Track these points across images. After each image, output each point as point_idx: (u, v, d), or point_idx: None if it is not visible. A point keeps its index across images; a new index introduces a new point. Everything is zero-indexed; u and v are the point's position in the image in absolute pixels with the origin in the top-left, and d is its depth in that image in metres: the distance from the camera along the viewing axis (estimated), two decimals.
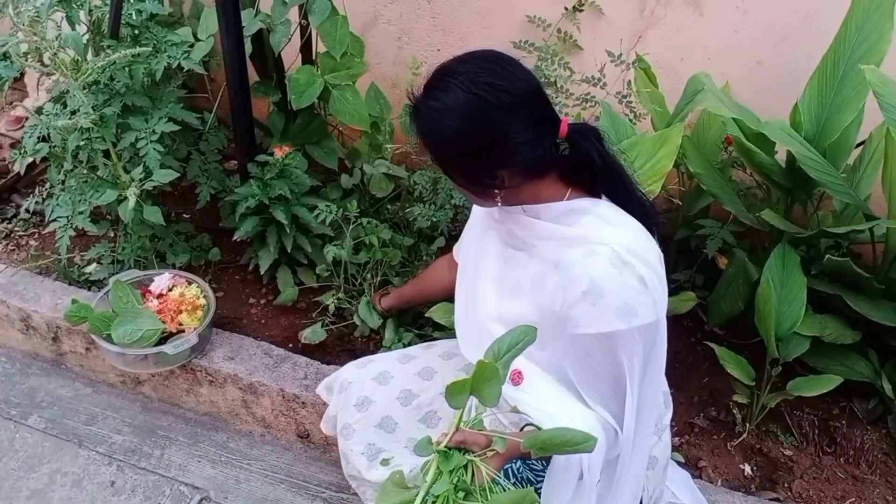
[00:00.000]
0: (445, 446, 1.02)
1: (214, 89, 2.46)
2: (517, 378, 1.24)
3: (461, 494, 0.97)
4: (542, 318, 1.20)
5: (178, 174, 1.99)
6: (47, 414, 2.09)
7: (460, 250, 1.53)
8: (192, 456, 1.99)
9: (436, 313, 1.88)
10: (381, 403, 1.48)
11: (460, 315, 1.44)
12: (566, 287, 1.14)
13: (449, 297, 1.65)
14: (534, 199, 1.20)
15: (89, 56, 1.94)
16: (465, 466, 1.00)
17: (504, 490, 1.00)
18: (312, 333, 2.06)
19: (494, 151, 1.13)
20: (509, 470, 1.27)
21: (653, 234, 1.23)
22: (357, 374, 1.54)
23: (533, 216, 1.22)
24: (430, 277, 1.83)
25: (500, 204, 1.21)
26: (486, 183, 1.17)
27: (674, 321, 1.46)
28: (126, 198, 1.91)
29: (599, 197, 1.23)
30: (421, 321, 2.02)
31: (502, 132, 1.11)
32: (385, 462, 1.41)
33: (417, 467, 1.39)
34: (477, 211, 1.44)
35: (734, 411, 1.95)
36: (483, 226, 1.39)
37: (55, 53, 1.80)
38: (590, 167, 1.19)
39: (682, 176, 2.11)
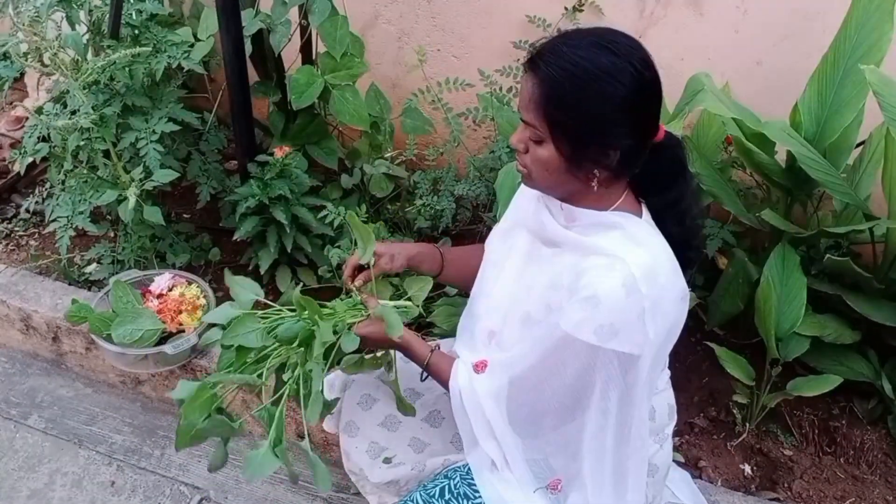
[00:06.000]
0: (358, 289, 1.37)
1: (214, 89, 2.46)
2: (481, 367, 1.26)
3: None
4: (546, 320, 1.20)
5: (178, 174, 1.99)
6: (47, 414, 2.09)
7: (487, 245, 1.49)
8: (192, 456, 1.99)
9: (437, 317, 1.89)
10: (384, 401, 1.48)
11: (470, 307, 1.42)
12: (574, 290, 1.13)
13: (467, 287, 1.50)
14: (595, 197, 1.17)
15: (89, 56, 1.94)
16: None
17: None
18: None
19: (623, 126, 1.09)
20: (447, 487, 1.30)
21: (688, 268, 1.19)
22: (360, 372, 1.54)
23: (568, 218, 1.20)
24: (469, 256, 1.53)
25: (595, 187, 1.15)
26: (591, 159, 1.12)
27: None
28: (126, 198, 1.91)
29: (640, 214, 1.20)
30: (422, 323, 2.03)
31: (636, 109, 1.09)
32: (387, 460, 1.41)
33: (420, 465, 1.39)
34: (510, 212, 1.42)
35: (734, 411, 1.95)
36: (514, 226, 1.37)
37: (55, 53, 1.80)
38: (663, 180, 1.17)
39: None
